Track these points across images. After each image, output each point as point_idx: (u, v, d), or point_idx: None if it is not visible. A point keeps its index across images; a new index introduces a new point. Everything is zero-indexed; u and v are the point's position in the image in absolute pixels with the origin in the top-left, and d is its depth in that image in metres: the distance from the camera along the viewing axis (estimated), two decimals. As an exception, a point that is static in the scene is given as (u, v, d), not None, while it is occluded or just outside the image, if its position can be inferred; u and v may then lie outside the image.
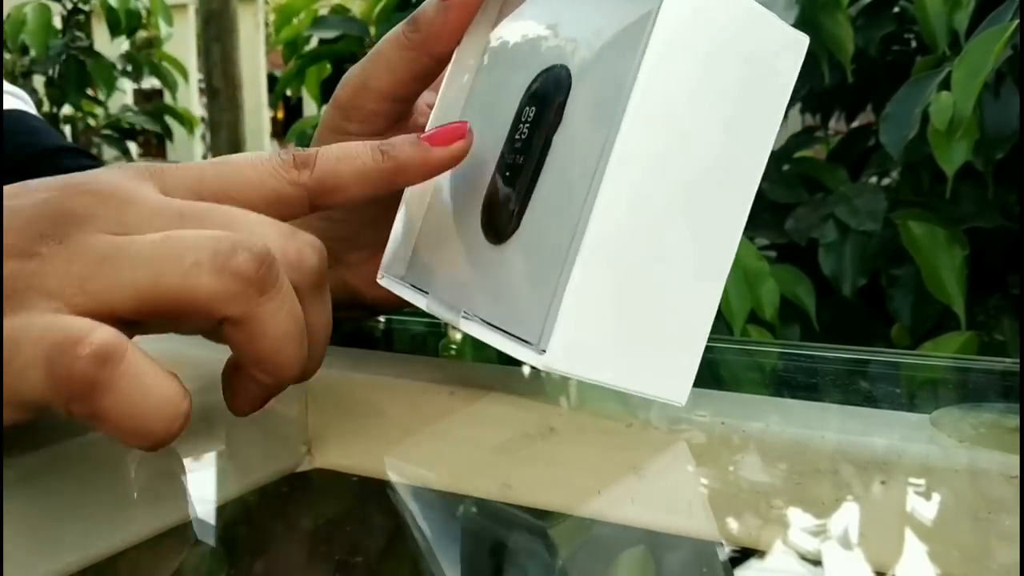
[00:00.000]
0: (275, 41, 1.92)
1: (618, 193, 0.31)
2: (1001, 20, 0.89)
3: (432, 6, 0.41)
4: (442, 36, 0.41)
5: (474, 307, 0.35)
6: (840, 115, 1.49)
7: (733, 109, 0.33)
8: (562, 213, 0.32)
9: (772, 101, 0.34)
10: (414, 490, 0.31)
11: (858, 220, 1.09)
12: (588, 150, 0.32)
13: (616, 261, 0.31)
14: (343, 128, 0.44)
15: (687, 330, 0.34)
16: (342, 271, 0.49)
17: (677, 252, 0.33)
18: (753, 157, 0.34)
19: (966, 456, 0.34)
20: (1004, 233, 1.08)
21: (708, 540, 0.28)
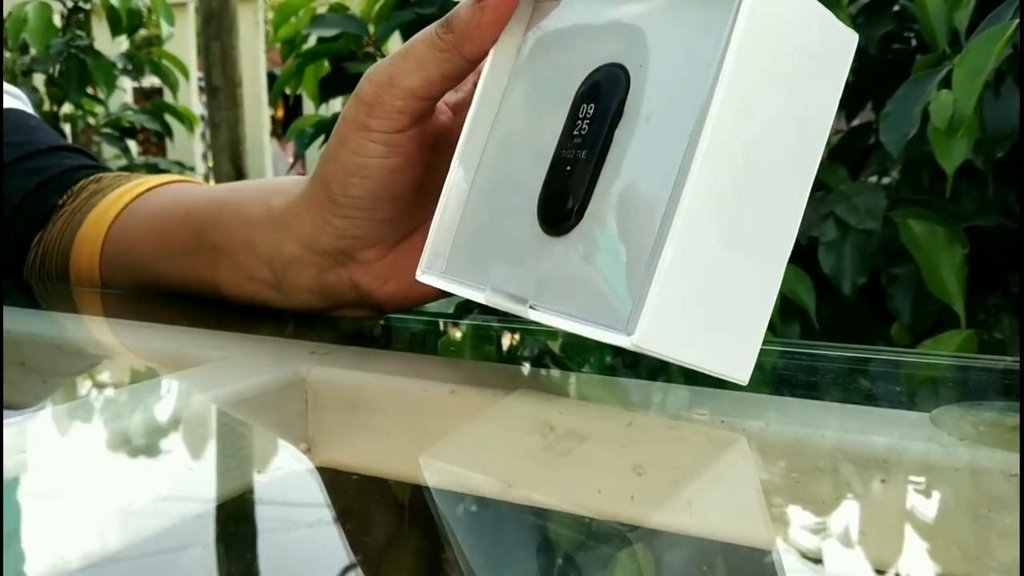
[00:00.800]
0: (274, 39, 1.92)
1: (706, 182, 0.32)
2: (1002, 19, 0.89)
3: (467, 8, 0.41)
4: (475, 38, 0.41)
5: (540, 297, 0.36)
6: (840, 114, 1.49)
7: (797, 102, 0.34)
8: (641, 202, 0.33)
9: (828, 95, 0.36)
10: (414, 488, 0.31)
11: (858, 218, 1.09)
12: (667, 143, 0.33)
13: (699, 247, 0.33)
14: (365, 124, 0.44)
15: (754, 312, 0.35)
16: (353, 269, 0.49)
17: (749, 238, 0.34)
18: (812, 149, 0.36)
19: (966, 454, 0.34)
20: (1004, 232, 1.08)
21: (708, 538, 0.28)
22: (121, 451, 0.36)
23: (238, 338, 0.49)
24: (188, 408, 0.40)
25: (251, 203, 0.53)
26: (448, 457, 0.34)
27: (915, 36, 1.32)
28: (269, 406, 0.32)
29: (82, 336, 0.55)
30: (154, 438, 0.37)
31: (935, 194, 1.10)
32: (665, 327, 0.33)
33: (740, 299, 0.35)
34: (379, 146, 0.44)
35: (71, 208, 0.65)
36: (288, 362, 0.45)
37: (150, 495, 0.31)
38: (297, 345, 0.48)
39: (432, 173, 0.45)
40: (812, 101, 0.35)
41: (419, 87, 0.43)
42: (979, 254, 1.06)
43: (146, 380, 0.45)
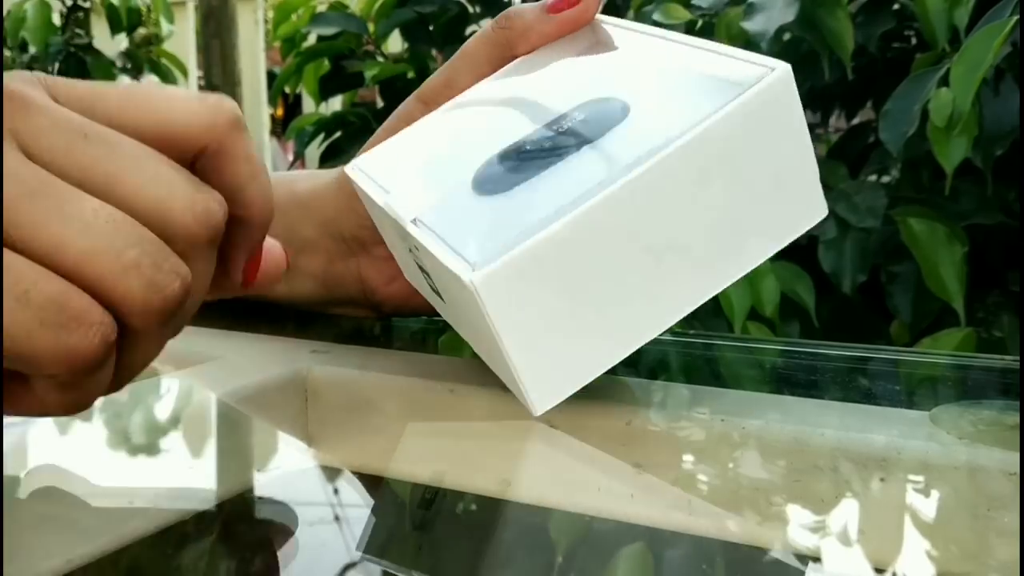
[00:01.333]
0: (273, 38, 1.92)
1: (617, 206, 0.32)
2: (1000, 16, 0.89)
3: (534, 11, 0.43)
4: (532, 41, 0.43)
5: (430, 221, 0.35)
6: (840, 112, 1.49)
7: (738, 208, 0.34)
8: (557, 197, 0.33)
9: (773, 232, 0.36)
10: (413, 487, 0.31)
11: (858, 217, 1.09)
12: (611, 167, 0.33)
13: (580, 254, 0.33)
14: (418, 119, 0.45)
15: (587, 358, 0.34)
16: (361, 262, 0.49)
17: (622, 289, 0.34)
18: (729, 265, 0.35)
19: (965, 453, 0.34)
20: (1004, 230, 1.08)
21: (708, 537, 0.28)
22: (121, 449, 0.36)
23: (238, 336, 0.49)
24: (188, 406, 0.40)
25: (276, 185, 0.54)
26: (448, 455, 0.34)
27: (915, 34, 1.32)
28: (269, 404, 0.32)
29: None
30: (154, 436, 0.37)
31: (935, 192, 1.10)
32: (506, 289, 0.32)
33: (583, 335, 0.34)
34: None
35: None
36: (288, 361, 0.45)
37: (151, 493, 0.31)
38: (297, 344, 0.48)
39: None
40: (755, 223, 0.35)
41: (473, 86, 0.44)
42: (979, 252, 1.06)
43: (146, 378, 0.45)
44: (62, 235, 0.25)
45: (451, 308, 0.38)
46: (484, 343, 0.36)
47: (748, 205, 0.35)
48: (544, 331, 0.33)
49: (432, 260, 0.35)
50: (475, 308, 0.32)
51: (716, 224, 0.34)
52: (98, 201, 0.26)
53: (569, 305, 0.33)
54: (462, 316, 0.37)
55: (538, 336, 0.33)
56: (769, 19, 1.02)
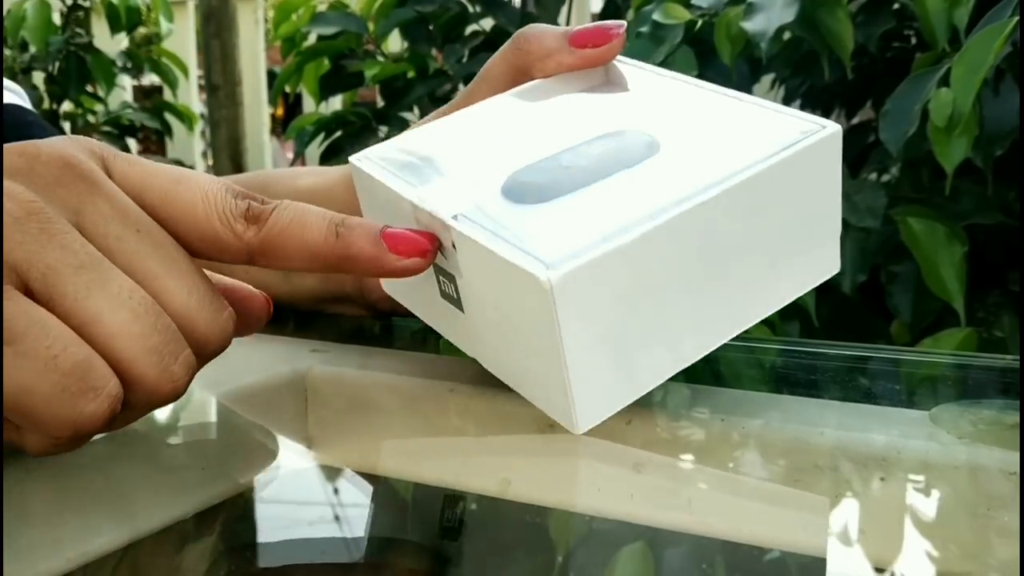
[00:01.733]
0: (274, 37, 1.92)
1: (677, 228, 0.32)
2: (1001, 16, 0.89)
3: (555, 39, 0.42)
4: (548, 69, 0.43)
5: (476, 218, 0.34)
6: (840, 112, 1.49)
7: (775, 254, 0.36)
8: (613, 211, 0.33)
9: (798, 278, 0.37)
10: (414, 487, 0.31)
11: (858, 216, 1.09)
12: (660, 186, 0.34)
13: (643, 268, 0.32)
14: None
15: (634, 379, 0.34)
16: None
17: (671, 308, 0.34)
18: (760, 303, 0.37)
19: (965, 453, 0.34)
20: (1004, 230, 1.08)
21: (708, 537, 0.28)
22: (121, 448, 0.36)
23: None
24: (188, 406, 0.40)
25: (278, 180, 0.54)
26: (448, 455, 0.34)
27: (915, 34, 1.32)
28: (269, 404, 0.32)
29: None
30: (153, 436, 0.37)
31: (935, 192, 1.10)
32: (580, 292, 0.31)
33: (634, 353, 0.33)
34: None
35: None
36: (288, 360, 0.45)
37: (150, 493, 0.31)
38: (297, 343, 0.48)
39: None
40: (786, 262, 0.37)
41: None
42: (979, 252, 1.06)
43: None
44: (99, 308, 0.27)
45: (469, 318, 0.36)
46: (517, 354, 0.34)
47: (786, 248, 0.36)
48: (602, 343, 0.32)
49: (477, 259, 0.33)
50: (532, 312, 0.31)
51: (758, 260, 0.35)
52: (135, 284, 0.29)
53: (627, 319, 0.32)
54: (488, 324, 0.35)
55: (597, 348, 0.32)
56: (769, 19, 1.02)
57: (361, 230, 0.33)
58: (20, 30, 2.80)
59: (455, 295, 0.36)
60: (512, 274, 0.31)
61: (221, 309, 0.31)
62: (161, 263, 0.30)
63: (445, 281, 0.36)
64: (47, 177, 0.29)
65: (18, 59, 2.99)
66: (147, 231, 0.30)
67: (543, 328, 0.31)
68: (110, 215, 0.29)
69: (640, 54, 1.15)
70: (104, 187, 0.30)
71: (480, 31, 1.69)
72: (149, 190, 0.32)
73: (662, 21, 1.13)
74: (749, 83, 1.33)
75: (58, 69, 2.99)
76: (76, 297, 0.27)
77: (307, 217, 0.33)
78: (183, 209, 0.32)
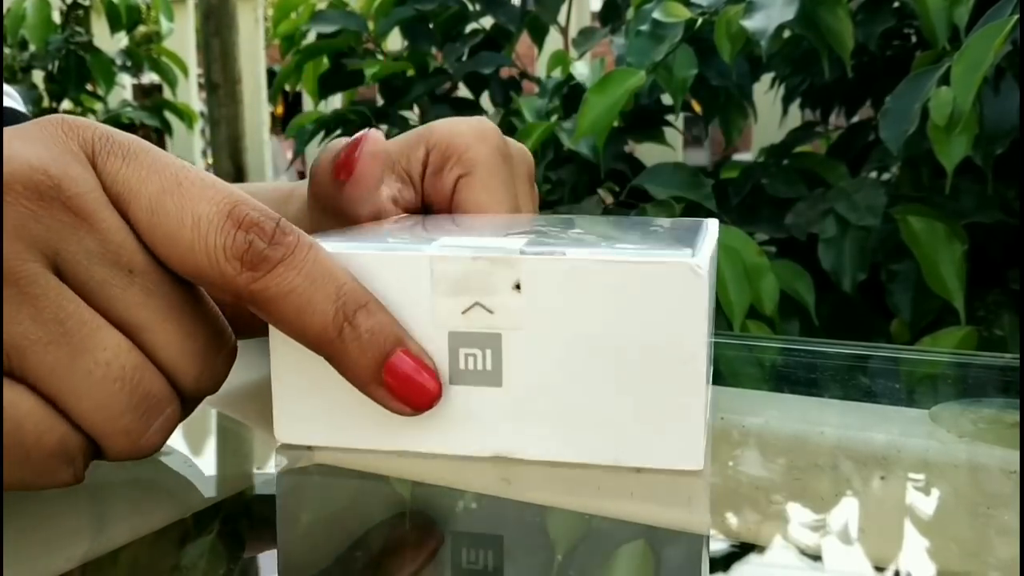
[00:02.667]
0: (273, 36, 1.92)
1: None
2: (1001, 15, 0.89)
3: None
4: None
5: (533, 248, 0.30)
6: (840, 110, 1.49)
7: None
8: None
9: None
10: (413, 485, 0.31)
11: (858, 215, 1.09)
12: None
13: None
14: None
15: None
16: None
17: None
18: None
19: (965, 451, 0.34)
20: (1004, 228, 1.08)
21: (708, 535, 0.28)
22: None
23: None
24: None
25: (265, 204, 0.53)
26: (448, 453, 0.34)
27: (915, 33, 1.32)
28: (266, 402, 0.32)
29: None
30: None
31: (935, 191, 1.10)
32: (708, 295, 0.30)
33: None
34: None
35: None
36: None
37: (150, 490, 0.31)
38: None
39: None
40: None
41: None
42: (979, 250, 1.06)
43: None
44: (71, 387, 0.26)
45: (510, 390, 0.31)
46: (609, 395, 0.30)
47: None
48: (708, 352, 0.31)
49: (572, 284, 0.29)
50: (667, 318, 0.29)
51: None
52: (112, 352, 0.26)
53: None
54: (552, 381, 0.30)
55: (708, 357, 0.31)
56: (769, 17, 1.02)
57: (369, 342, 0.29)
58: (20, 28, 2.80)
59: (488, 366, 0.31)
60: (647, 281, 0.29)
61: (218, 350, 0.29)
62: (153, 313, 0.27)
63: (471, 354, 0.31)
64: (20, 211, 0.25)
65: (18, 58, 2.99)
66: (140, 272, 0.27)
67: (687, 333, 0.29)
68: (96, 253, 0.26)
69: (640, 52, 1.15)
70: (91, 217, 0.26)
71: (480, 29, 1.69)
72: (137, 199, 0.27)
73: (662, 19, 1.13)
74: (749, 82, 1.33)
75: (58, 68, 2.99)
76: (50, 374, 0.25)
77: (315, 293, 0.28)
78: (166, 232, 0.27)
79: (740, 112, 1.33)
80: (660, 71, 1.16)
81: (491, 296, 0.30)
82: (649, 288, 0.29)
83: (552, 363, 0.30)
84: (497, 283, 0.30)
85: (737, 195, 1.28)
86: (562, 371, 0.30)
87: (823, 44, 1.07)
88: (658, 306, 0.29)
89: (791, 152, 1.37)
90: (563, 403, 0.30)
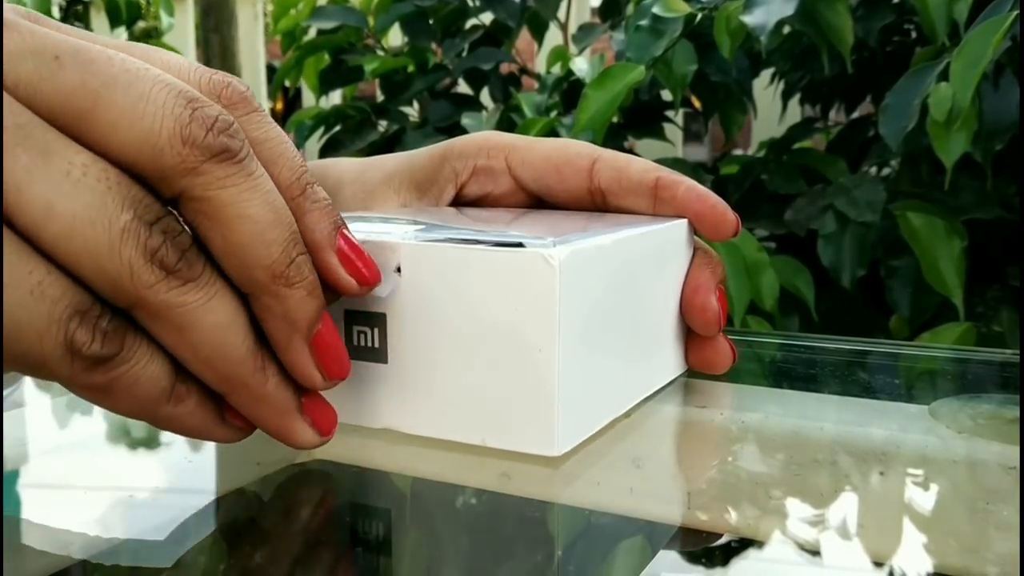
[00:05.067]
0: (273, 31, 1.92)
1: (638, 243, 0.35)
2: (1000, 11, 0.89)
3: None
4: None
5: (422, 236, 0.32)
6: (839, 106, 1.49)
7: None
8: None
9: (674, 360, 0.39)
10: (413, 480, 0.31)
11: (857, 211, 1.09)
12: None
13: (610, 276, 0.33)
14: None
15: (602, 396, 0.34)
16: None
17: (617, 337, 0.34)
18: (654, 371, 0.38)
19: (964, 447, 0.34)
20: (1003, 224, 1.08)
21: (707, 531, 0.28)
22: (121, 444, 0.36)
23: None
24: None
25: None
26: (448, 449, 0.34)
27: (915, 28, 1.32)
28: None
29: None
30: (153, 431, 0.37)
31: (934, 187, 1.10)
32: (574, 277, 0.31)
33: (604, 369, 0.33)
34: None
35: None
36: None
37: (150, 487, 0.31)
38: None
39: None
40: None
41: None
42: (978, 247, 1.06)
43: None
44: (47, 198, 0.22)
45: (395, 366, 0.32)
46: (475, 380, 0.31)
47: (669, 319, 0.38)
48: (583, 347, 0.32)
49: (441, 269, 0.31)
50: (523, 306, 0.30)
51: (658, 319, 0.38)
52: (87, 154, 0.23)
53: (599, 328, 0.32)
54: (429, 360, 0.32)
55: (579, 353, 0.31)
56: (769, 13, 1.01)
57: (327, 208, 0.28)
58: (19, 24, 2.79)
59: (375, 343, 0.32)
60: (500, 268, 0.30)
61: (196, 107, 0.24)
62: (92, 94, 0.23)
63: (362, 331, 0.32)
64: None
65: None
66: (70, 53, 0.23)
67: (536, 322, 0.30)
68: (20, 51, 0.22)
69: (639, 48, 1.14)
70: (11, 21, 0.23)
71: (480, 25, 1.69)
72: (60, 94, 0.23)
73: (662, 14, 1.13)
74: (749, 77, 1.33)
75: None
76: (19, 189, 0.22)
77: (228, 334, 0.25)
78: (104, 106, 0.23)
79: (740, 108, 1.33)
80: (659, 66, 1.16)
81: (380, 275, 0.31)
82: (506, 276, 0.30)
83: (428, 344, 0.32)
84: (383, 265, 0.31)
85: (737, 191, 1.28)
86: (437, 352, 0.32)
87: (823, 40, 1.07)
88: (513, 294, 0.30)
89: (791, 148, 1.37)
90: (438, 382, 0.32)
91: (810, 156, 1.33)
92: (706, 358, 0.39)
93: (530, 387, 0.30)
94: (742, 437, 0.35)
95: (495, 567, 0.25)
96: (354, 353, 0.32)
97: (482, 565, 0.25)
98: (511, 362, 0.31)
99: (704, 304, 0.38)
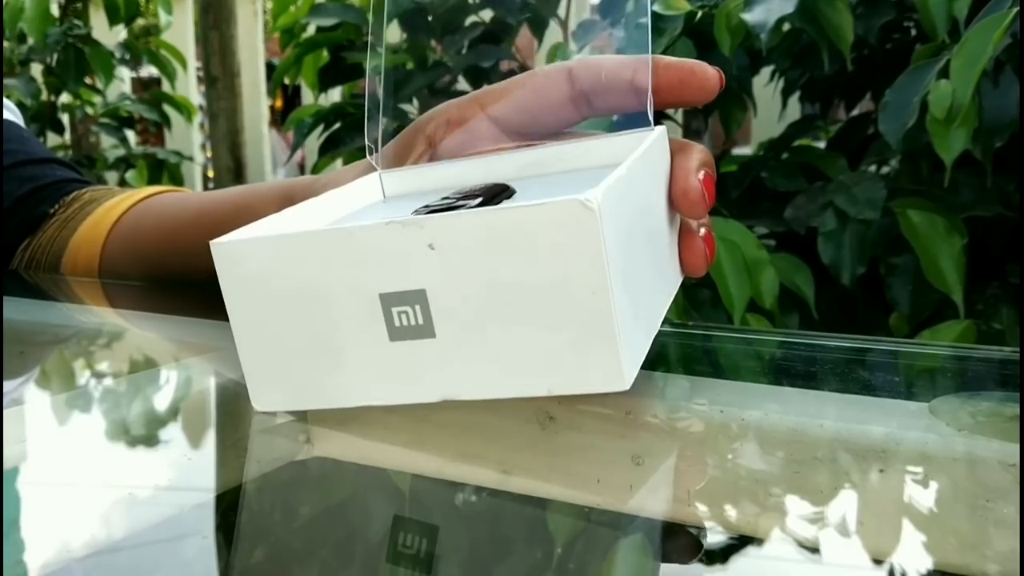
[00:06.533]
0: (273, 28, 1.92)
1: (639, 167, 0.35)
2: (1000, 8, 0.89)
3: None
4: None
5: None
6: (839, 103, 1.49)
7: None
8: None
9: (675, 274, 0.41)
10: (412, 478, 0.31)
11: (857, 209, 1.09)
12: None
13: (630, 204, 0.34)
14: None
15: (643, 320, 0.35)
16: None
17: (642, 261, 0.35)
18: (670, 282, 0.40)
19: (964, 444, 0.34)
20: (1003, 222, 1.08)
21: (707, 528, 0.28)
22: (121, 440, 0.36)
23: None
24: (187, 397, 0.40)
25: (266, 203, 0.54)
26: (447, 446, 0.34)
27: (914, 26, 1.32)
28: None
29: (82, 326, 0.55)
30: (153, 427, 0.37)
31: (934, 184, 1.10)
32: (612, 226, 0.31)
33: (640, 304, 0.34)
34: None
35: (63, 217, 0.68)
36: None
37: (150, 484, 0.31)
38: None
39: None
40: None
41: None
42: (978, 244, 1.06)
43: (146, 370, 0.45)
44: None
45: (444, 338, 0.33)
46: (531, 336, 0.32)
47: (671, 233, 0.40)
48: (624, 280, 0.32)
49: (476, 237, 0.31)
50: (569, 256, 0.30)
51: (665, 232, 0.39)
52: None
53: (630, 258, 0.33)
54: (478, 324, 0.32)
55: (623, 285, 0.32)
56: (769, 10, 1.02)
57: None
58: (18, 21, 2.79)
59: (420, 320, 0.32)
60: (540, 222, 0.30)
61: None
62: None
63: (403, 312, 0.32)
64: None
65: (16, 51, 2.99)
66: None
67: (584, 267, 0.30)
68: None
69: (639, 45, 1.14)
70: None
71: (479, 22, 1.69)
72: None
73: (662, 12, 1.13)
74: (748, 75, 1.33)
75: (56, 61, 2.99)
76: None
77: None
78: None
79: (739, 105, 1.33)
80: (659, 64, 1.15)
81: (411, 256, 0.32)
82: (546, 228, 0.30)
83: (475, 310, 0.32)
84: (413, 244, 0.31)
85: (736, 189, 1.28)
86: (484, 316, 0.32)
87: (823, 37, 1.07)
88: (556, 245, 0.30)
89: (790, 145, 1.37)
90: (492, 345, 0.32)
91: (810, 154, 1.33)
92: (685, 259, 0.41)
93: (589, 330, 0.31)
94: (742, 434, 0.35)
95: (494, 565, 0.25)
96: (399, 334, 0.33)
97: (481, 563, 0.25)
98: (564, 310, 0.31)
99: (685, 187, 0.39)
